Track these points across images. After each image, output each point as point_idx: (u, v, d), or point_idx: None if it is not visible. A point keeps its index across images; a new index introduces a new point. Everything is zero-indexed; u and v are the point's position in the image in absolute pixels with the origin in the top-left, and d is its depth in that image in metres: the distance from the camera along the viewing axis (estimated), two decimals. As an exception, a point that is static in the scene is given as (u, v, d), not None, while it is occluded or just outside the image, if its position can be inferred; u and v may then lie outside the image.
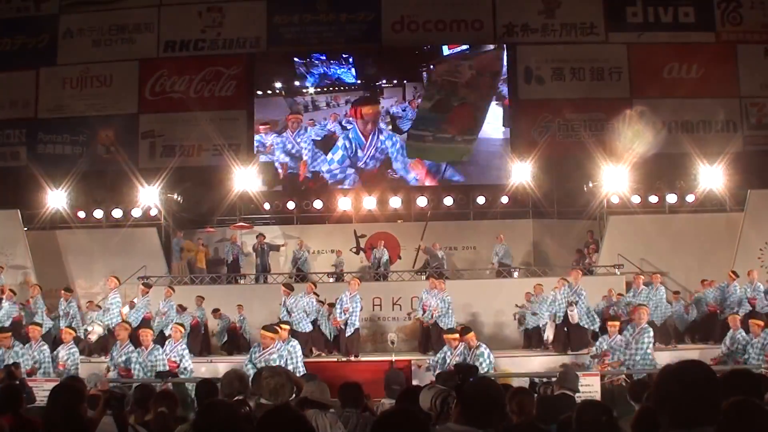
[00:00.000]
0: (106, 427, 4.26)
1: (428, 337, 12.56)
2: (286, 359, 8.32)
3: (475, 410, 3.13)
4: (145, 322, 11.39)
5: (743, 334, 10.11)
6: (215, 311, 13.97)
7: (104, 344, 11.93)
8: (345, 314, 12.02)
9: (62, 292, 13.45)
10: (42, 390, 7.46)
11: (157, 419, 4.72)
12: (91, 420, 4.14)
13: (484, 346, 8.78)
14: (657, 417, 2.39)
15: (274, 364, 7.43)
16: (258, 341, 8.76)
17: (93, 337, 12.00)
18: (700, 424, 2.25)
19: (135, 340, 9.21)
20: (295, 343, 9.07)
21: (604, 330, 10.54)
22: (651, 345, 9.14)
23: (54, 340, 11.57)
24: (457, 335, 9.09)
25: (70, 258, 16.20)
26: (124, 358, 8.92)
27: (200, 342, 13.56)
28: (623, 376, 8.54)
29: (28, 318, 12.31)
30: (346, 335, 12.10)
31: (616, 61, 18.62)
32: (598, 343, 9.85)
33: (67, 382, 5.00)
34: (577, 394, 5.89)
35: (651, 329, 9.40)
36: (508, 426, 3.85)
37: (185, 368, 9.05)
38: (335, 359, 12.13)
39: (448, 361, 8.92)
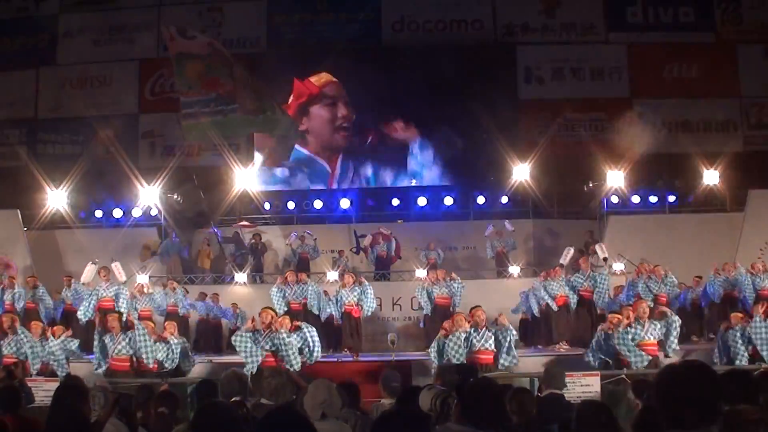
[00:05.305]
0: (115, 430, 4.10)
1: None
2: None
3: (475, 410, 3.14)
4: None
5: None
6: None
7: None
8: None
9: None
10: (42, 390, 7.45)
11: (157, 419, 4.72)
12: (97, 423, 3.89)
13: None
14: (658, 417, 2.39)
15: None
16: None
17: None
18: (700, 425, 2.25)
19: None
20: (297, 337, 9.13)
21: None
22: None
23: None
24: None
25: (70, 258, 16.13)
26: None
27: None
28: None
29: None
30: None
31: (616, 61, 18.64)
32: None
33: (71, 381, 4.93)
34: (577, 395, 5.88)
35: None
36: (508, 426, 3.84)
37: None
38: (335, 359, 12.10)
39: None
